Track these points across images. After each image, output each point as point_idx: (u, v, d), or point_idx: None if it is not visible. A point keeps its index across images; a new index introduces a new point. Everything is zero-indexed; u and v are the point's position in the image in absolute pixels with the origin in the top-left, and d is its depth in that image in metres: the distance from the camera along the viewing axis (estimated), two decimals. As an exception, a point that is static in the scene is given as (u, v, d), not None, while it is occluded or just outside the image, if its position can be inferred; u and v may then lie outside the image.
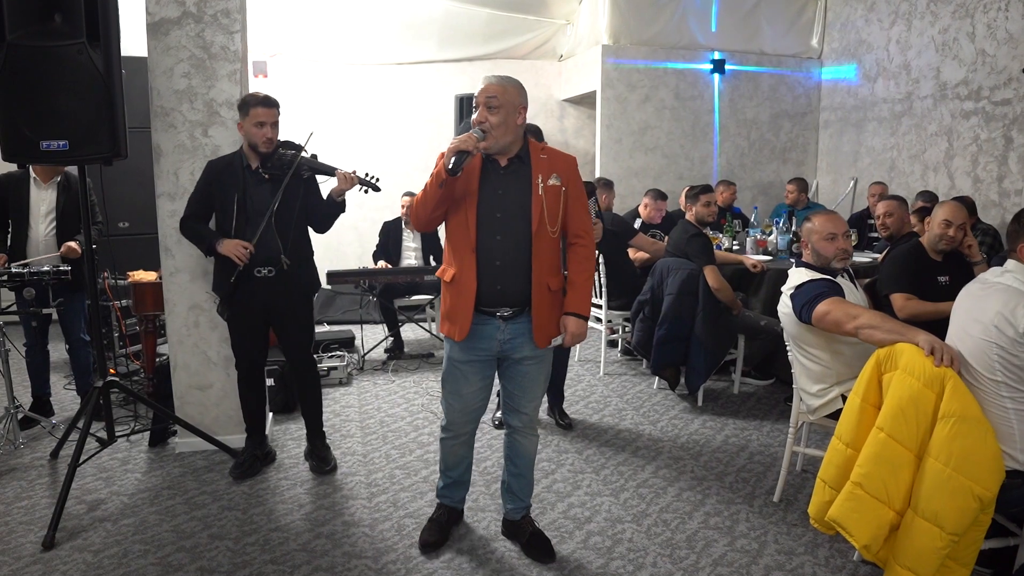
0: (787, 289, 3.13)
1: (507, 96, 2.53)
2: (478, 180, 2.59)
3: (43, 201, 4.12)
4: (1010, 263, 2.57)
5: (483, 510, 3.21)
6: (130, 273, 4.70)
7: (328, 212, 3.45)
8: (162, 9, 3.50)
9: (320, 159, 3.47)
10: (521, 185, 2.60)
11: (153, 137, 3.60)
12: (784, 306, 3.14)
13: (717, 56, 7.34)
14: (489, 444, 3.92)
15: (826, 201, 7.63)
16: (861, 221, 6.26)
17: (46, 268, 3.65)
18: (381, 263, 5.80)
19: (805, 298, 2.95)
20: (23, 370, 4.41)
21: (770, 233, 5.72)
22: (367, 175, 3.43)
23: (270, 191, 3.33)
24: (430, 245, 5.97)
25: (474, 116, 2.57)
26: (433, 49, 7.51)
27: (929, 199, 5.70)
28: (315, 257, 3.59)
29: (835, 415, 3.08)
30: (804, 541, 2.98)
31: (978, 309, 2.46)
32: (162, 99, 3.57)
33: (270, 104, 3.30)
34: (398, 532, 3.01)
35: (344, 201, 3.42)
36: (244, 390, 3.53)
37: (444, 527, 2.97)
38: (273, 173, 3.34)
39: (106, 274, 4.41)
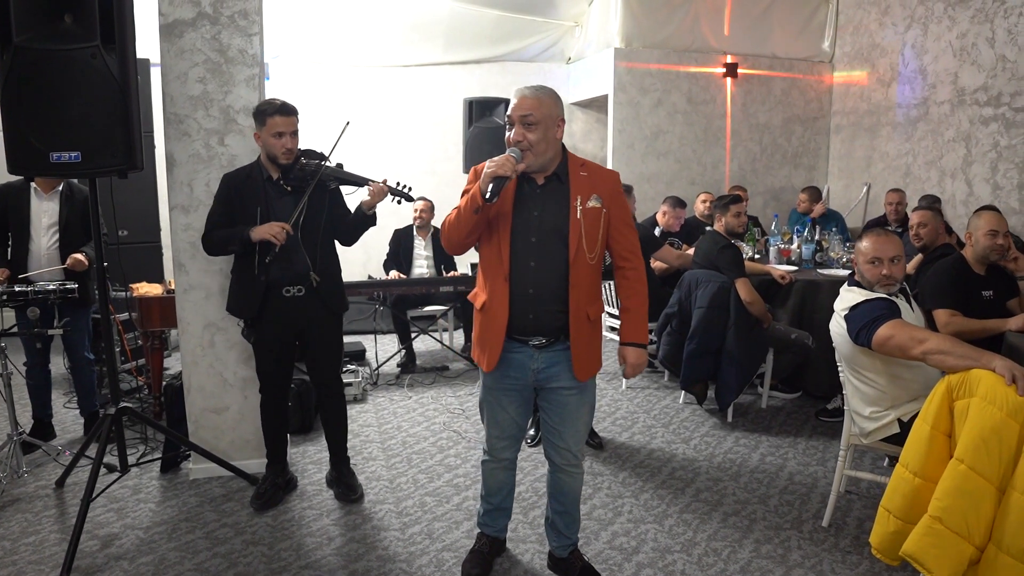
0: (840, 309, 2.97)
1: (544, 110, 2.34)
2: (512, 200, 2.40)
3: (45, 213, 3.90)
4: None
5: (524, 541, 3.03)
6: (133, 286, 4.49)
7: (357, 225, 3.25)
8: (176, 10, 3.30)
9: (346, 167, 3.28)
10: (558, 206, 2.41)
11: (166, 146, 3.40)
12: (838, 326, 2.99)
13: (729, 60, 7.21)
14: (521, 467, 3.65)
15: (838, 207, 7.51)
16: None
17: (51, 286, 3.43)
18: (393, 273, 5.61)
19: (862, 321, 2.79)
20: (21, 386, 4.16)
21: (790, 241, 5.59)
22: (398, 184, 3.25)
23: (293, 203, 3.13)
24: (442, 254, 5.78)
25: (509, 135, 2.37)
26: (439, 51, 7.33)
27: (931, 203, 5.58)
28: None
29: (890, 439, 2.95)
30: (861, 571, 2.84)
31: None
32: (175, 105, 3.37)
33: (288, 112, 3.09)
34: (438, 567, 2.82)
35: (375, 214, 3.23)
36: (267, 416, 3.33)
37: (487, 558, 2.80)
38: (295, 185, 3.15)
39: (108, 287, 4.19)
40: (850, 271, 3.13)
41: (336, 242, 3.33)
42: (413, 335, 5.63)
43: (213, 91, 3.39)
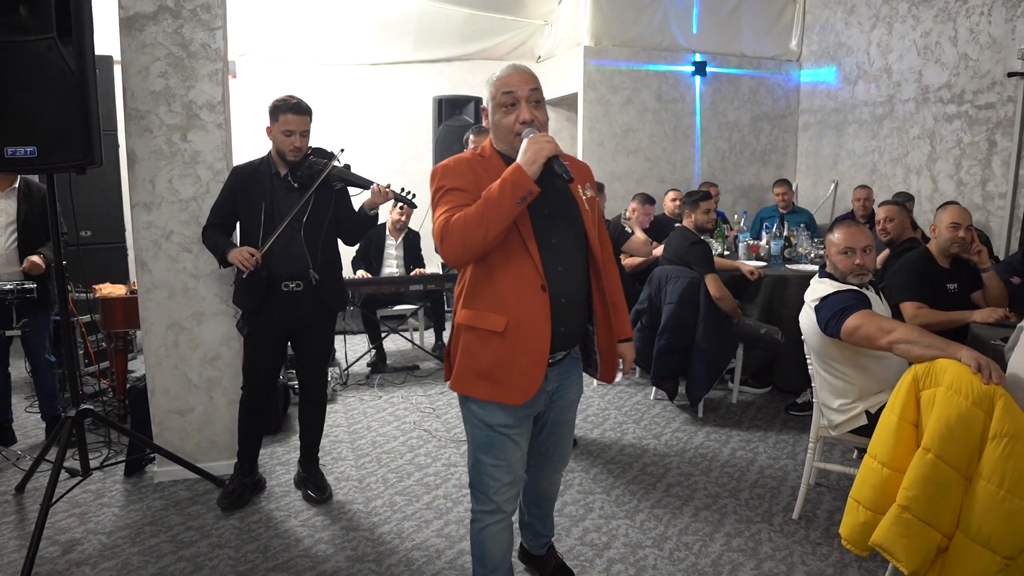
0: (810, 300, 2.99)
1: (542, 87, 2.12)
2: None
3: (2, 212, 3.80)
4: None
5: None
6: (97, 287, 4.39)
7: (359, 225, 3.28)
8: (137, 3, 3.23)
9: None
10: (563, 199, 2.14)
11: (127, 142, 3.33)
12: (807, 318, 3.01)
13: (698, 58, 7.25)
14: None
15: (806, 204, 7.58)
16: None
17: (8, 286, 3.34)
18: (360, 272, 5.56)
19: (831, 311, 2.81)
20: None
21: (746, 234, 5.66)
22: (403, 190, 3.29)
23: (299, 200, 3.13)
24: (412, 254, 5.74)
25: (514, 116, 2.04)
26: (409, 49, 7.28)
27: (904, 199, 5.68)
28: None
29: (858, 431, 2.97)
30: (832, 561, 2.85)
31: None
32: (136, 101, 3.30)
33: (301, 111, 3.09)
34: (407, 567, 2.79)
35: (377, 215, 3.27)
36: (248, 414, 3.27)
37: None
38: (303, 182, 3.14)
39: (70, 288, 4.09)
40: (820, 265, 3.15)
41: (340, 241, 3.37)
42: (383, 335, 5.58)
43: (175, 86, 3.33)
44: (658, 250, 4.92)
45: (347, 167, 3.26)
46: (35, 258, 3.71)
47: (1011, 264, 4.17)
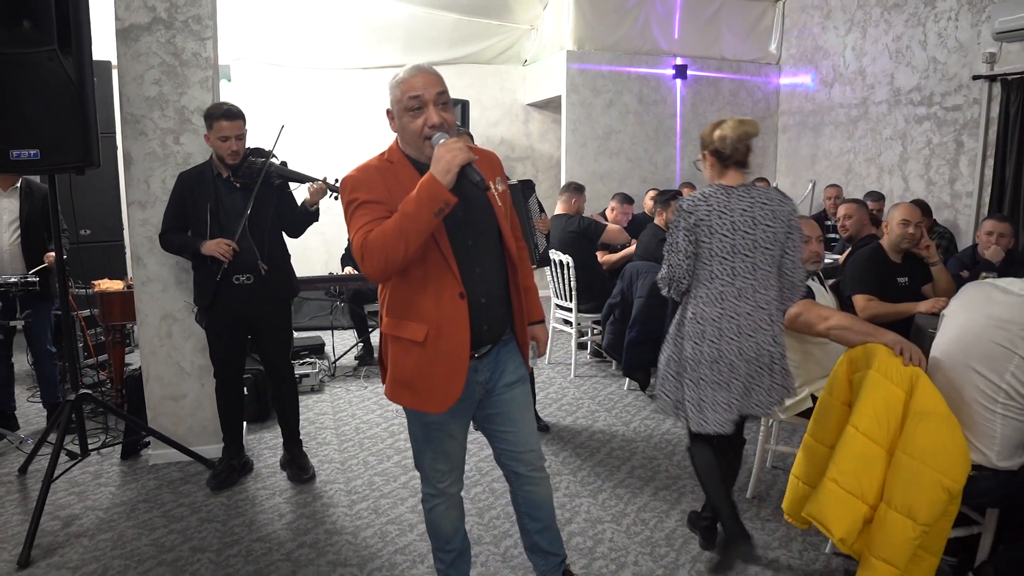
0: (760, 291, 3.21)
1: (447, 88, 2.08)
2: None
3: (5, 210, 4.03)
4: None
5: None
6: (95, 282, 4.61)
7: (301, 220, 3.49)
8: (132, 15, 3.46)
9: (290, 165, 3.48)
10: (474, 197, 2.09)
11: (123, 145, 3.55)
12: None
13: (679, 62, 7.47)
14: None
15: (785, 203, 7.80)
16: (819, 223, 6.42)
17: (13, 279, 3.57)
18: (348, 269, 5.78)
19: (777, 300, 3.03)
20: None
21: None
22: (336, 181, 3.44)
23: (242, 198, 3.33)
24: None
25: (421, 120, 2.01)
26: (398, 54, 7.50)
27: (876, 199, 5.90)
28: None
29: (805, 413, 3.19)
30: (778, 536, 3.07)
31: (1005, 315, 2.44)
32: (132, 106, 3.52)
33: (233, 116, 3.27)
34: (381, 539, 3.01)
35: (318, 210, 3.46)
36: (222, 400, 3.50)
37: None
38: (244, 181, 3.34)
39: (70, 283, 4.31)
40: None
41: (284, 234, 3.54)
42: (370, 329, 5.80)
43: (168, 92, 3.55)
44: (632, 247, 5.14)
45: (284, 164, 3.47)
46: (53, 254, 3.94)
47: (961, 259, 4.39)
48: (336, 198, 3.47)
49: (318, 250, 7.38)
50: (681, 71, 7.46)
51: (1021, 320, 2.42)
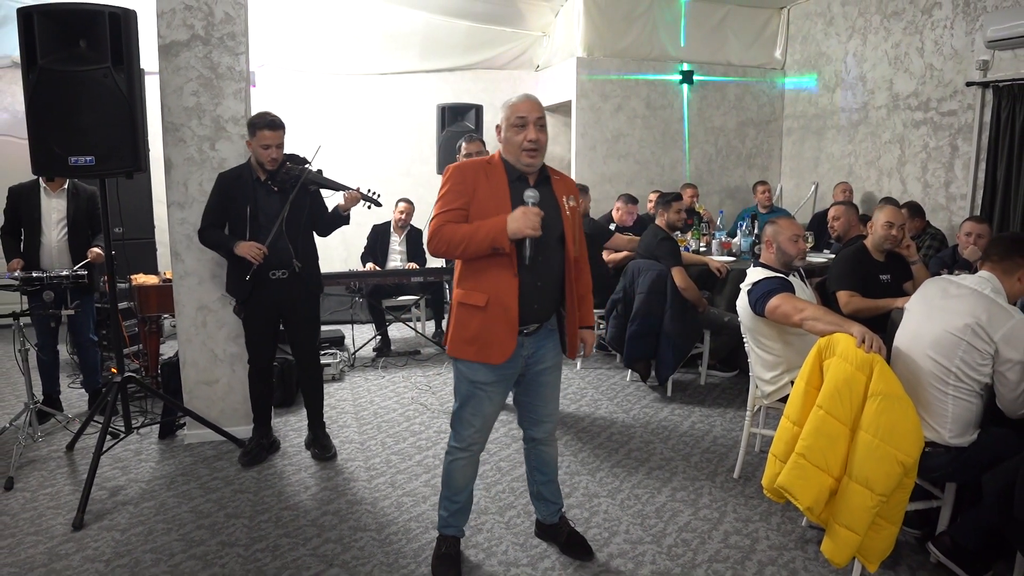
0: (745, 286, 3.50)
1: (546, 115, 2.62)
2: (510, 199, 2.56)
3: (55, 209, 4.39)
4: (984, 273, 2.87)
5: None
6: (132, 276, 4.99)
7: (333, 223, 3.82)
8: (173, 32, 3.80)
9: (325, 173, 3.81)
10: (551, 206, 2.60)
11: (164, 151, 3.89)
12: (742, 302, 3.51)
13: (686, 67, 7.73)
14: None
15: (789, 204, 8.05)
16: (822, 223, 6.66)
17: (64, 272, 3.93)
18: (369, 265, 6.11)
19: (759, 293, 3.32)
20: (33, 368, 4.64)
21: (722, 232, 6.17)
22: (370, 191, 3.78)
23: (279, 202, 3.65)
24: (415, 250, 6.29)
25: (522, 135, 2.54)
26: (415, 60, 7.82)
27: (916, 213, 6.09)
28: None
29: (786, 399, 3.46)
30: (760, 511, 3.35)
31: (956, 306, 2.74)
32: (172, 115, 3.86)
33: (276, 127, 3.60)
34: (397, 508, 3.33)
35: (349, 215, 3.80)
36: (255, 384, 3.84)
37: (456, 560, 2.86)
38: (281, 186, 3.66)
39: (106, 277, 4.68)
40: (755, 255, 3.65)
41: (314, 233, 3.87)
42: (388, 322, 6.13)
43: (205, 103, 3.89)
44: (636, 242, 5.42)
45: (319, 171, 3.79)
46: (96, 249, 4.31)
47: (943, 259, 4.63)
48: (369, 207, 3.80)
49: (338, 248, 7.72)
50: (688, 76, 7.72)
51: (969, 310, 2.70)
